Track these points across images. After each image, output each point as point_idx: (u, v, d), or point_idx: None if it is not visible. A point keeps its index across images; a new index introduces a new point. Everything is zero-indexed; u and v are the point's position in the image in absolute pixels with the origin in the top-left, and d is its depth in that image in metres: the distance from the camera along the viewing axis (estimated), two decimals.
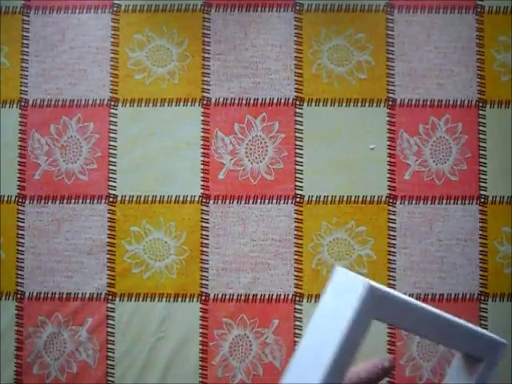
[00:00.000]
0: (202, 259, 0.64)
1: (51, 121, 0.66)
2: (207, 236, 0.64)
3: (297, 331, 0.63)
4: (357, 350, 0.31)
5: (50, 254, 0.65)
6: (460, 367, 0.40)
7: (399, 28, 0.66)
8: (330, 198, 0.64)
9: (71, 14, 0.67)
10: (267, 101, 0.66)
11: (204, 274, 0.64)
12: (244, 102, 0.66)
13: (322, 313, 0.32)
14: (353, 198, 0.64)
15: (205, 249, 0.64)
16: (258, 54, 0.66)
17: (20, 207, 0.65)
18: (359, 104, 0.65)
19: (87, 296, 0.64)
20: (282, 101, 0.65)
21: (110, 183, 0.65)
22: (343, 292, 0.31)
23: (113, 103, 0.66)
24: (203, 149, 0.65)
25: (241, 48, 0.66)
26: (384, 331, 0.63)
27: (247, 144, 0.65)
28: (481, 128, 0.65)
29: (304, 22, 0.66)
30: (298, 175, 0.65)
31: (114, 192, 0.65)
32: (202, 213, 0.65)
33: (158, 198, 0.65)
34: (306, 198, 0.64)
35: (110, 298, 0.64)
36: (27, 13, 0.67)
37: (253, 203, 0.65)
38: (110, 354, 0.63)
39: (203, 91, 0.66)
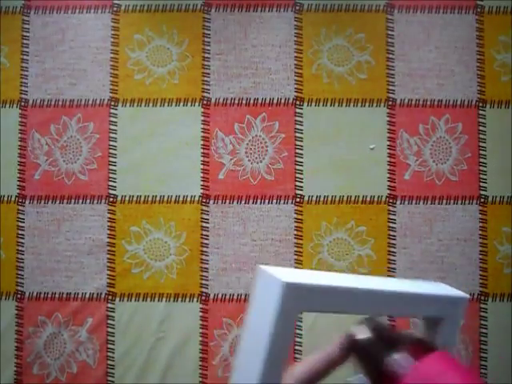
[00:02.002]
0: (202, 259, 0.64)
1: (51, 121, 0.66)
2: (207, 236, 0.64)
3: (298, 331, 0.63)
4: (289, 344, 0.32)
5: (50, 254, 0.65)
6: (422, 333, 0.40)
7: (399, 28, 0.66)
8: (329, 198, 0.64)
9: (71, 14, 0.67)
10: (267, 101, 0.66)
11: (204, 273, 0.64)
12: (244, 102, 0.66)
13: (252, 315, 0.33)
14: (353, 198, 0.64)
15: (205, 249, 0.64)
16: (258, 53, 0.66)
17: (20, 207, 0.65)
18: (359, 104, 0.65)
19: (87, 296, 0.64)
20: (282, 101, 0.65)
21: (110, 183, 0.65)
22: (265, 293, 0.32)
23: (113, 103, 0.66)
24: (203, 149, 0.65)
25: (241, 48, 0.66)
26: None
27: (247, 144, 0.65)
28: (481, 128, 0.65)
29: (304, 22, 0.66)
30: (297, 175, 0.65)
31: (113, 192, 0.65)
32: (202, 213, 0.65)
33: (158, 198, 0.65)
34: (305, 198, 0.64)
35: (110, 298, 0.64)
36: (27, 13, 0.67)
37: (253, 203, 0.65)
38: (109, 353, 0.63)
39: (203, 91, 0.66)
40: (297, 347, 0.63)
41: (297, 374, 0.46)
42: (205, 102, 0.66)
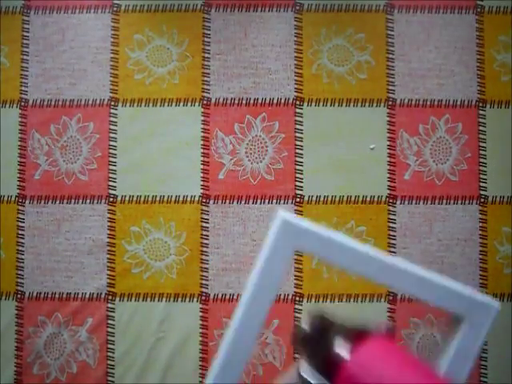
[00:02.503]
0: (202, 259, 0.64)
1: (51, 121, 0.66)
2: (207, 236, 0.64)
3: None
4: (278, 281, 0.33)
5: (50, 254, 0.65)
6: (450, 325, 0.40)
7: (399, 28, 0.66)
8: (329, 198, 0.64)
9: (71, 14, 0.67)
10: (267, 101, 0.66)
11: (204, 273, 0.64)
12: (244, 102, 0.66)
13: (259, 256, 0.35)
14: (353, 198, 0.64)
15: (205, 249, 0.64)
16: (258, 53, 0.66)
17: (20, 207, 0.65)
18: (359, 104, 0.65)
19: (87, 296, 0.64)
20: (282, 101, 0.65)
21: (110, 183, 0.65)
22: (271, 232, 0.35)
23: (113, 103, 0.66)
24: (203, 149, 0.65)
25: (241, 48, 0.66)
26: None
27: (247, 144, 0.65)
28: (481, 128, 0.65)
29: (304, 22, 0.66)
30: (297, 175, 0.65)
31: (113, 192, 0.65)
32: (202, 213, 0.65)
33: (158, 198, 0.65)
34: (305, 198, 0.64)
35: (110, 297, 0.64)
36: (27, 13, 0.67)
37: (253, 203, 0.65)
38: (109, 353, 0.63)
39: (203, 91, 0.66)
40: None
41: None
42: (205, 102, 0.66)
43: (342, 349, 0.27)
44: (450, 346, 0.37)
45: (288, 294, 0.64)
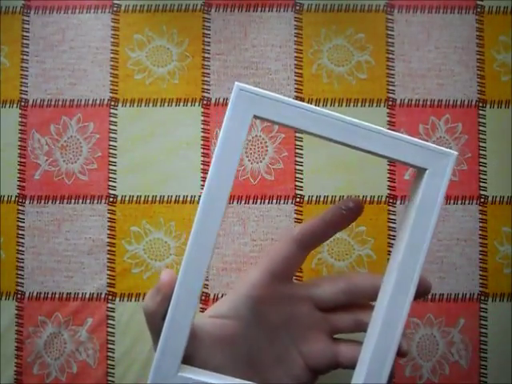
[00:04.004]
0: None
1: (51, 121, 0.66)
2: None
3: None
4: (240, 148, 0.34)
5: (50, 254, 0.65)
6: (412, 182, 0.40)
7: (399, 28, 0.66)
8: (329, 198, 0.64)
9: (71, 14, 0.67)
10: None
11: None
12: None
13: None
14: None
15: None
16: (258, 54, 0.66)
17: (20, 207, 0.65)
18: (359, 104, 0.65)
19: (87, 296, 0.64)
20: None
21: (110, 183, 0.65)
22: (228, 106, 0.35)
23: (113, 103, 0.66)
24: (203, 149, 0.65)
25: (241, 48, 0.66)
26: None
27: (247, 144, 0.65)
28: (481, 128, 0.65)
29: (304, 22, 0.66)
30: (297, 175, 0.65)
31: (113, 192, 0.65)
32: None
33: (158, 198, 0.65)
34: (305, 198, 0.64)
35: (110, 297, 0.64)
36: (27, 13, 0.67)
37: (253, 203, 0.65)
38: (110, 354, 0.63)
39: (203, 91, 0.66)
40: None
41: (297, 231, 0.44)
42: (205, 102, 0.66)
43: None
44: (415, 196, 0.38)
45: None
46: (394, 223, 0.64)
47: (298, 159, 0.65)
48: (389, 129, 0.65)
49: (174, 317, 0.34)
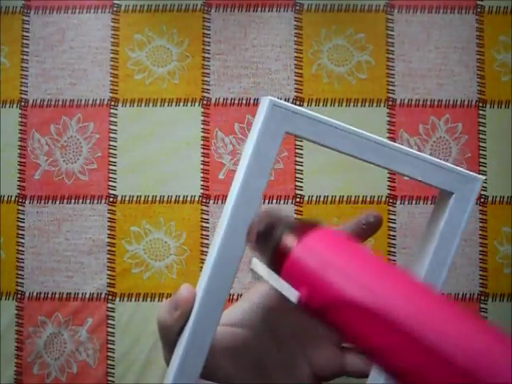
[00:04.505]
0: (202, 259, 0.64)
1: (51, 121, 0.66)
2: (207, 236, 0.64)
3: None
4: (270, 164, 0.32)
5: (50, 254, 0.65)
6: (436, 203, 0.40)
7: (399, 28, 0.66)
8: (329, 198, 0.64)
9: (71, 14, 0.67)
10: None
11: None
12: (244, 101, 0.66)
13: (247, 144, 0.33)
14: (353, 198, 0.64)
15: (205, 249, 0.64)
16: (258, 54, 0.66)
17: (20, 207, 0.65)
18: (359, 104, 0.65)
19: (87, 296, 0.64)
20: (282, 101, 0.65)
21: (110, 183, 0.65)
22: (257, 118, 0.33)
23: (113, 103, 0.66)
24: (203, 149, 0.65)
25: (241, 48, 0.66)
26: None
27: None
28: (481, 128, 0.65)
29: (304, 22, 0.66)
30: (297, 175, 0.65)
31: (113, 192, 0.65)
32: (202, 213, 0.65)
33: (158, 198, 0.65)
34: (305, 198, 0.64)
35: (110, 297, 0.64)
36: (27, 13, 0.67)
37: None
38: (110, 354, 0.63)
39: (203, 91, 0.66)
40: None
41: None
42: (205, 102, 0.66)
43: (290, 239, 0.27)
44: (439, 219, 0.38)
45: None
46: (394, 223, 0.64)
47: (297, 159, 0.65)
48: (389, 129, 0.65)
49: (194, 336, 0.33)
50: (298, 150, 0.65)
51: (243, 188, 0.32)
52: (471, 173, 0.37)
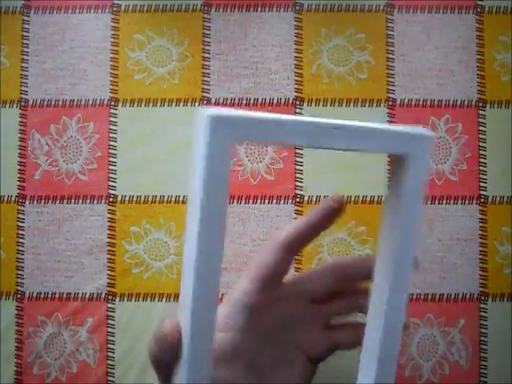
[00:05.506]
0: None
1: (51, 121, 0.66)
2: None
3: None
4: (227, 179, 0.31)
5: (50, 254, 0.65)
6: (391, 174, 0.39)
7: (399, 28, 0.66)
8: None
9: (71, 14, 0.67)
10: (267, 101, 0.66)
11: None
12: (244, 102, 0.66)
13: (193, 161, 0.32)
14: (353, 198, 0.64)
15: None
16: (258, 54, 0.66)
17: (20, 207, 0.65)
18: (359, 104, 0.65)
19: (87, 296, 0.64)
20: (282, 101, 0.66)
21: (110, 183, 0.65)
22: (198, 137, 0.31)
23: (113, 103, 0.66)
24: None
25: (241, 48, 0.66)
26: None
27: (247, 144, 0.65)
28: (481, 128, 0.65)
29: (304, 22, 0.66)
30: (298, 175, 0.65)
31: (114, 192, 0.65)
32: None
33: (158, 198, 0.65)
34: (306, 198, 0.64)
35: (110, 298, 0.64)
36: (27, 13, 0.67)
37: (253, 203, 0.65)
38: (110, 353, 0.63)
39: (203, 91, 0.66)
40: None
41: (282, 236, 0.44)
42: (205, 102, 0.66)
43: None
44: (398, 188, 0.38)
45: None
46: None
47: (297, 159, 0.65)
48: None
49: (194, 345, 0.33)
50: (297, 150, 0.65)
51: (205, 214, 0.32)
52: (420, 130, 0.37)
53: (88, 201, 0.65)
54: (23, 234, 0.65)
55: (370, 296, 0.40)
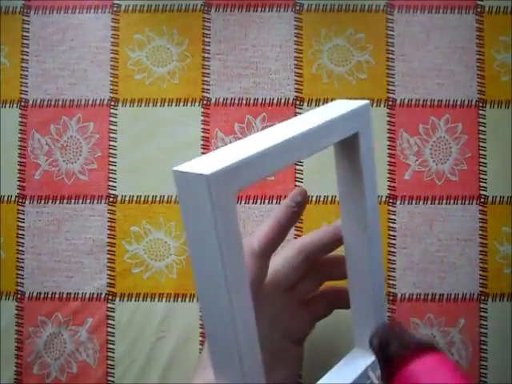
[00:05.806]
0: None
1: (51, 121, 0.66)
2: None
3: None
4: (237, 228, 0.31)
5: (50, 254, 0.65)
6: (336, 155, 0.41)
7: (399, 28, 0.66)
8: (330, 198, 0.64)
9: (71, 14, 0.67)
10: (267, 101, 0.66)
11: None
12: (244, 101, 0.66)
13: (191, 229, 0.30)
14: None
15: None
16: (258, 53, 0.66)
17: (20, 207, 0.65)
18: None
19: (87, 296, 0.64)
20: (282, 101, 0.66)
21: (110, 183, 0.65)
22: (193, 197, 0.29)
23: (113, 103, 0.66)
24: (203, 149, 0.65)
25: (241, 48, 0.66)
26: None
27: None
28: (481, 128, 0.65)
29: (304, 22, 0.66)
30: (298, 175, 0.65)
31: (114, 192, 0.65)
32: None
33: (158, 198, 0.65)
34: None
35: (110, 298, 0.64)
36: (27, 13, 0.67)
37: (253, 203, 0.65)
38: (110, 353, 0.63)
39: (203, 91, 0.66)
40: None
41: (256, 245, 0.44)
42: (205, 102, 0.66)
43: (399, 360, 0.28)
44: (353, 164, 0.39)
45: None
46: (394, 223, 0.64)
47: None
48: (389, 129, 0.65)
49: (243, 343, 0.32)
50: None
51: (228, 270, 0.31)
52: (357, 103, 0.37)
53: (88, 201, 0.65)
54: (23, 234, 0.65)
55: (336, 262, 0.44)
